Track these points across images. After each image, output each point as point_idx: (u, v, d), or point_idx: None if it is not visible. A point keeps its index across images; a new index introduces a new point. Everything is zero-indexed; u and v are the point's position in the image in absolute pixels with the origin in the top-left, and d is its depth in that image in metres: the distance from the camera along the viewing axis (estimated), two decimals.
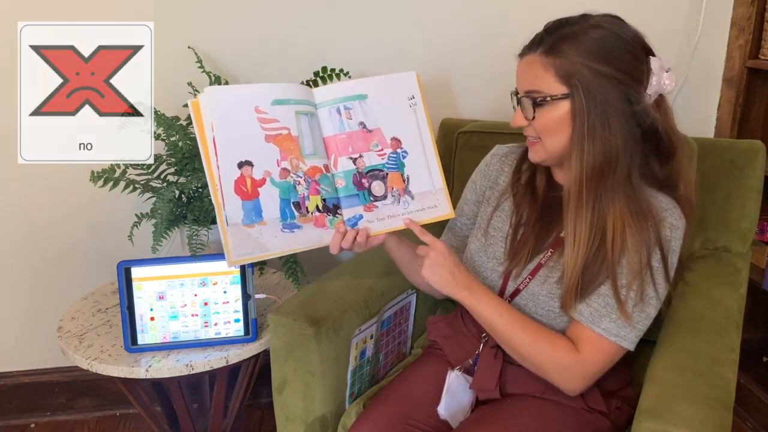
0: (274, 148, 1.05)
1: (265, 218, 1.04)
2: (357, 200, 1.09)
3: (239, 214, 1.02)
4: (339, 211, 1.09)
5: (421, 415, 1.10)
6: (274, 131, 1.05)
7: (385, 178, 1.10)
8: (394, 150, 1.11)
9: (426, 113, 1.13)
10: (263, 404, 1.87)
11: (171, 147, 1.41)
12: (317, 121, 1.09)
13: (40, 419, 1.83)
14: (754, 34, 1.71)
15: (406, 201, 1.11)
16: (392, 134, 1.11)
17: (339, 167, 1.09)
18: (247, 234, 1.02)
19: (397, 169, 1.11)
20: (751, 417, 1.75)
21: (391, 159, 1.11)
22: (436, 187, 1.12)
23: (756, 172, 1.34)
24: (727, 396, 0.94)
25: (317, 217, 1.07)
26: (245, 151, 1.03)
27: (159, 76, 1.61)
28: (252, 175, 1.03)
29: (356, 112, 1.10)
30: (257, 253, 1.04)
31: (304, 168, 1.06)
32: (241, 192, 1.02)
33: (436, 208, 1.12)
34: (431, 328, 1.22)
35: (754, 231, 1.36)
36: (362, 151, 1.10)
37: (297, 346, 1.15)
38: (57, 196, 1.67)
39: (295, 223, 1.05)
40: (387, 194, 1.10)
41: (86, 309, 1.45)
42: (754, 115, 1.80)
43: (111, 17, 1.57)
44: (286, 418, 1.20)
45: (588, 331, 0.98)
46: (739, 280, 1.27)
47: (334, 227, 1.08)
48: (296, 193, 1.06)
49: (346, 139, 1.09)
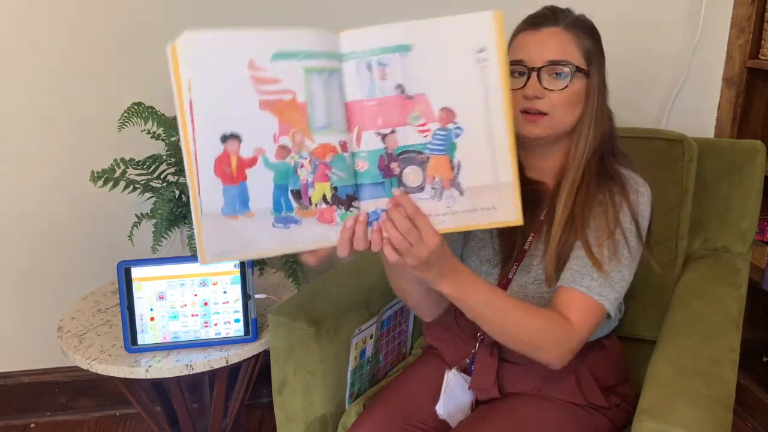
0: (271, 118, 0.80)
1: (252, 208, 0.81)
2: (381, 190, 0.83)
3: (218, 201, 0.80)
4: (354, 204, 0.84)
5: (421, 415, 1.10)
6: (273, 95, 0.80)
7: (424, 164, 0.83)
8: (443, 125, 0.82)
9: (503, 74, 0.80)
10: (263, 404, 1.87)
11: (171, 147, 1.41)
12: (339, 80, 0.82)
13: (40, 419, 1.83)
14: (754, 34, 1.71)
15: (451, 196, 0.83)
16: (442, 103, 0.82)
17: (362, 145, 0.83)
18: (228, 227, 0.80)
19: (445, 151, 0.82)
20: (751, 417, 1.75)
21: (437, 137, 0.83)
22: (501, 181, 0.82)
23: (756, 172, 1.34)
24: (727, 396, 0.94)
25: (323, 210, 0.83)
26: (231, 121, 0.79)
27: (159, 76, 1.61)
28: (239, 153, 0.80)
29: (394, 69, 0.81)
30: (239, 252, 0.82)
31: (311, 146, 0.81)
32: (222, 173, 0.79)
33: (494, 211, 0.83)
34: (427, 333, 1.22)
35: (754, 231, 1.36)
36: (396, 124, 0.82)
37: (297, 346, 1.15)
38: (57, 195, 1.67)
39: (292, 216, 0.83)
40: (425, 185, 0.83)
41: (86, 309, 1.45)
42: (754, 115, 1.80)
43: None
44: (286, 418, 1.20)
45: (572, 292, 0.97)
46: (739, 280, 1.27)
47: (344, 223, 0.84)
48: (297, 178, 0.82)
49: (376, 108, 0.82)
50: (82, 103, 1.61)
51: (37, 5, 1.53)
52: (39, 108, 1.60)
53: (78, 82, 1.59)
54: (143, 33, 1.58)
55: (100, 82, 1.60)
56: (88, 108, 1.61)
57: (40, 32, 1.55)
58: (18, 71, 1.57)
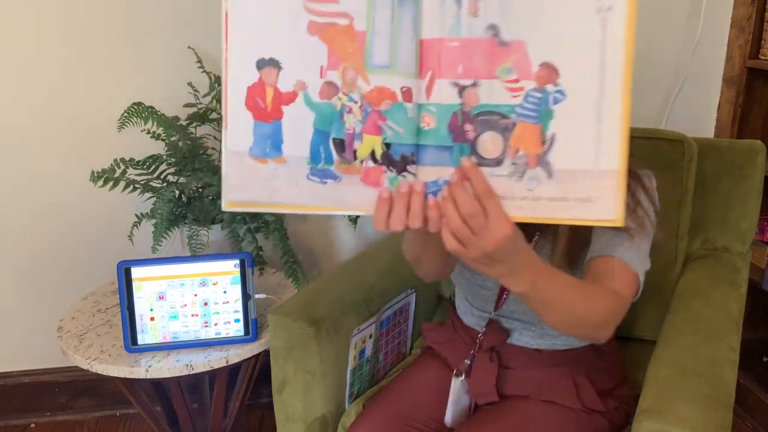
0: (320, 46, 0.67)
1: (285, 153, 0.70)
2: (447, 156, 0.68)
3: (247, 139, 0.70)
4: (410, 168, 0.69)
5: (421, 416, 1.10)
6: (326, 17, 0.67)
7: (507, 131, 0.67)
8: (541, 86, 0.65)
9: (629, 30, 0.64)
10: (263, 404, 1.87)
11: (171, 147, 1.41)
12: (414, 8, 0.66)
13: (40, 419, 1.83)
14: (754, 34, 1.71)
15: (536, 177, 0.66)
16: (544, 56, 0.65)
17: (433, 96, 0.67)
18: (255, 171, 0.70)
19: (537, 119, 0.66)
20: (751, 417, 1.75)
21: (530, 100, 0.66)
22: (604, 167, 0.65)
23: (756, 172, 1.34)
24: (727, 396, 0.94)
25: (369, 169, 0.69)
26: (271, 44, 0.68)
27: (159, 76, 1.61)
28: (276, 84, 0.68)
29: (490, 4, 0.65)
30: (263, 201, 0.71)
31: (365, 88, 0.68)
32: (255, 107, 0.69)
33: (588, 204, 0.66)
34: (426, 335, 1.23)
35: (754, 231, 1.36)
36: (481, 75, 0.66)
37: (297, 346, 1.15)
38: (57, 195, 1.67)
39: (331, 170, 0.70)
40: (504, 158, 0.67)
41: (86, 309, 1.45)
42: (754, 115, 1.80)
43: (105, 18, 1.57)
44: (286, 418, 1.20)
45: (612, 261, 0.90)
46: (739, 280, 1.27)
47: (396, 189, 0.69)
48: (342, 125, 0.69)
49: (459, 51, 0.66)
50: (82, 103, 1.61)
51: (37, 5, 1.53)
52: (39, 108, 1.60)
53: (78, 82, 1.59)
54: (144, 33, 1.58)
55: (100, 82, 1.60)
56: (88, 108, 1.61)
57: (40, 32, 1.55)
58: (18, 71, 1.57)
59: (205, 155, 1.44)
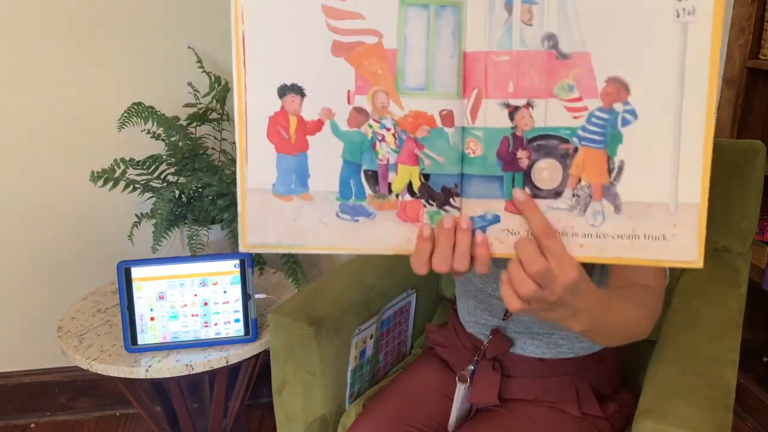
0: (346, 69, 0.60)
1: (312, 189, 0.63)
2: (497, 188, 0.60)
3: (269, 174, 0.63)
4: (454, 201, 0.61)
5: (421, 416, 1.10)
6: (352, 36, 0.60)
7: (567, 158, 0.58)
8: (608, 105, 0.57)
9: (715, 40, 0.55)
10: (263, 404, 1.87)
11: (171, 147, 1.41)
12: (455, 18, 0.58)
13: (40, 419, 1.83)
14: (754, 34, 1.71)
15: (601, 212, 0.58)
16: (612, 70, 0.56)
17: (479, 119, 0.59)
18: (278, 210, 0.63)
19: (602, 144, 0.57)
20: (751, 417, 1.75)
21: (594, 122, 0.57)
22: (681, 200, 0.59)
23: (756, 172, 1.33)
24: (727, 396, 0.94)
25: (406, 203, 0.62)
26: (293, 69, 0.61)
27: (159, 76, 1.61)
28: (300, 113, 0.62)
29: (547, 11, 0.57)
30: (287, 243, 0.64)
31: (398, 114, 0.60)
32: (277, 138, 0.62)
33: (662, 243, 0.58)
34: (429, 336, 1.22)
35: (754, 231, 1.36)
36: (536, 94, 0.58)
37: (297, 346, 1.15)
38: (57, 195, 1.67)
39: (363, 206, 0.63)
40: (563, 188, 0.59)
41: (86, 309, 1.45)
42: (754, 115, 1.80)
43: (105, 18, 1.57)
44: (286, 418, 1.20)
45: None
46: (739, 280, 1.27)
47: (438, 226, 0.61)
48: (374, 155, 0.62)
49: (510, 66, 0.58)
50: (82, 103, 1.61)
51: (37, 4, 1.53)
52: (39, 108, 1.60)
53: (78, 82, 1.59)
54: (144, 33, 1.58)
55: (100, 82, 1.60)
56: (88, 108, 1.61)
57: (40, 32, 1.55)
58: (17, 71, 1.57)
59: (205, 155, 1.44)
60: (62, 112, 1.61)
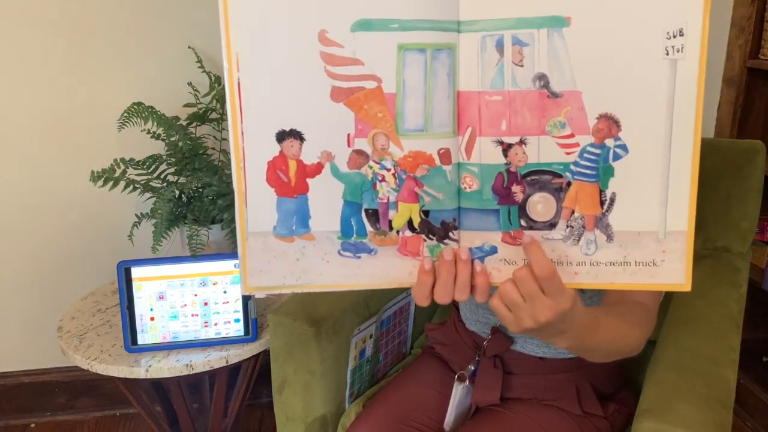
0: (346, 113, 0.61)
1: (313, 229, 0.64)
2: (493, 221, 0.62)
3: (270, 217, 0.64)
4: (452, 234, 0.64)
5: (420, 416, 1.10)
6: (351, 82, 0.60)
7: (560, 192, 0.61)
8: (599, 140, 0.59)
9: (701, 74, 0.59)
10: (263, 404, 1.87)
11: (171, 147, 1.41)
12: (450, 60, 0.59)
13: (40, 419, 1.83)
14: (754, 34, 1.71)
15: (594, 241, 0.61)
16: (603, 107, 0.58)
17: (474, 155, 0.61)
18: (279, 251, 0.65)
19: (595, 178, 0.60)
20: (751, 417, 1.75)
21: (586, 157, 0.60)
22: (671, 228, 0.60)
23: (756, 172, 1.33)
24: (727, 396, 0.94)
25: (407, 238, 0.64)
26: (291, 114, 0.61)
27: (159, 76, 1.61)
28: (299, 156, 0.62)
29: (537, 52, 0.58)
30: (291, 283, 0.66)
31: (398, 154, 0.62)
32: (277, 182, 0.63)
33: (653, 269, 0.61)
34: (428, 335, 1.22)
35: (754, 231, 1.36)
36: (529, 132, 0.60)
37: (297, 346, 1.15)
38: (57, 195, 1.67)
39: (365, 243, 0.65)
40: (557, 220, 0.62)
41: (86, 309, 1.45)
42: (754, 115, 1.80)
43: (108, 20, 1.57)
44: (286, 418, 1.20)
45: None
46: (739, 280, 1.27)
47: (438, 259, 0.63)
48: (374, 194, 0.63)
49: (503, 105, 0.60)
50: (82, 103, 1.61)
51: (38, 5, 1.53)
52: (39, 108, 1.60)
53: (78, 81, 1.59)
54: (144, 33, 1.58)
55: (100, 82, 1.60)
56: (88, 108, 1.61)
57: (40, 32, 1.55)
58: (17, 70, 1.57)
59: (205, 155, 1.44)
60: (62, 112, 1.61)
